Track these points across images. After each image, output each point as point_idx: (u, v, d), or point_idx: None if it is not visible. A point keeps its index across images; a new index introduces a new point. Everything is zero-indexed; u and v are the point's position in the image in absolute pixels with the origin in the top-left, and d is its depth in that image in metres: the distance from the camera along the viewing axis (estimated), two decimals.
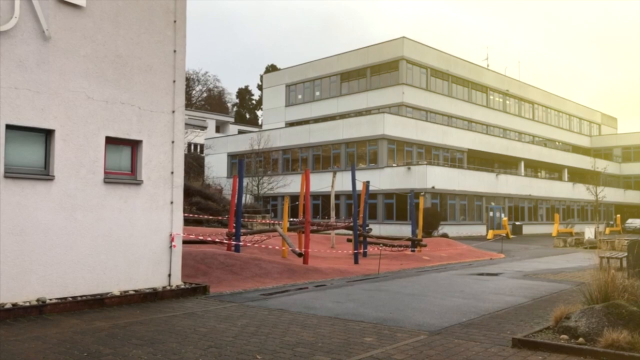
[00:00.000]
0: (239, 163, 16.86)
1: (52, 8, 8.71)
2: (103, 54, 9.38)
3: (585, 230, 32.82)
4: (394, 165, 38.23)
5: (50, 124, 8.65)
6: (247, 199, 36.56)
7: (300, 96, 52.89)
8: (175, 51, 10.54)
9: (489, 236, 35.25)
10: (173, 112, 10.48)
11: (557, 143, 62.48)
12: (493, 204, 41.11)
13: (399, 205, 35.98)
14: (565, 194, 52.15)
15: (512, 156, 49.27)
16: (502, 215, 39.80)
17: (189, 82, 73.33)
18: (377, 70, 46.40)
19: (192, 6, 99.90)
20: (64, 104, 8.82)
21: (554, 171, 58.31)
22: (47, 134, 8.74)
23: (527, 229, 43.93)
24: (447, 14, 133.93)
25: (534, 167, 55.51)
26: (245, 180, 32.68)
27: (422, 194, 30.75)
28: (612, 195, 55.57)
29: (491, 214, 38.23)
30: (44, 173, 8.66)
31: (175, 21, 10.55)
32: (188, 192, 24.10)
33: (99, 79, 9.30)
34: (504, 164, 50.28)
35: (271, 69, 73.86)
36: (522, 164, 51.03)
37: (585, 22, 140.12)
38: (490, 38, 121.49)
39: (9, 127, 8.22)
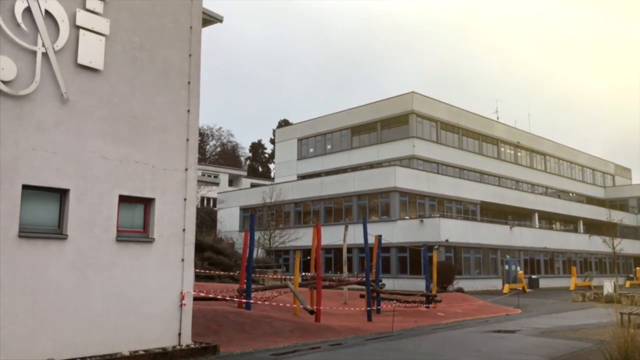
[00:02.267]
0: (250, 218, 16.89)
1: (71, 72, 9.04)
2: (119, 115, 9.64)
3: (605, 284, 32.02)
4: (406, 217, 38.04)
5: (66, 183, 8.80)
6: (258, 253, 36.38)
7: (311, 149, 53.46)
8: (189, 111, 10.80)
9: (505, 290, 34.55)
10: (186, 169, 10.63)
11: (570, 194, 61.98)
12: (508, 256, 40.48)
13: (413, 258, 35.51)
14: (582, 246, 51.28)
15: (525, 208, 48.89)
16: (518, 268, 39.12)
17: (203, 137, 74.67)
18: (388, 124, 46.97)
19: (210, 65, 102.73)
20: (80, 164, 9.00)
21: (569, 223, 57.58)
22: (62, 194, 8.87)
23: (544, 283, 43.00)
24: (456, 68, 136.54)
25: (549, 219, 54.90)
26: (257, 234, 32.66)
27: (435, 247, 30.44)
28: (629, 247, 54.51)
29: (506, 267, 37.58)
30: (58, 232, 8.74)
31: (189, 82, 10.86)
32: (200, 247, 24.07)
33: (114, 139, 9.52)
34: (518, 215, 49.83)
35: (283, 123, 75.08)
36: (536, 215, 50.54)
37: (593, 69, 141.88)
38: (500, 91, 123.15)
39: (25, 187, 8.37)
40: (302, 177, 51.27)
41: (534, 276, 42.15)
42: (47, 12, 8.81)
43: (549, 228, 53.63)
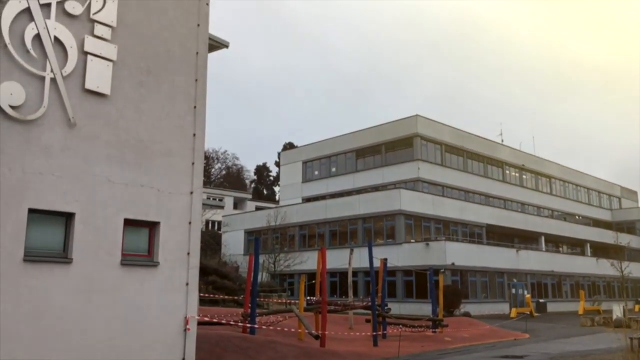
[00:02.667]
0: (255, 241, 16.85)
1: (78, 97, 9.14)
2: (125, 139, 9.71)
3: (614, 308, 31.56)
4: (412, 241, 37.83)
5: (71, 207, 8.83)
6: (263, 276, 36.16)
7: (316, 172, 53.52)
8: (194, 135, 10.86)
9: (513, 314, 34.13)
10: (191, 193, 10.65)
11: (577, 217, 61.59)
12: (515, 280, 40.07)
13: (419, 282, 35.19)
14: (590, 269, 50.77)
15: (531, 231, 48.58)
16: (525, 292, 38.68)
17: (209, 160, 74.92)
18: (392, 146, 47.04)
19: (216, 89, 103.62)
20: (85, 188, 9.03)
21: (575, 246, 57.10)
22: (68, 217, 8.89)
23: (552, 307, 42.46)
24: (460, 92, 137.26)
25: (555, 242, 54.47)
26: (262, 258, 32.49)
27: (441, 270, 30.19)
28: (638, 270, 53.88)
29: (513, 291, 37.15)
30: (63, 256, 8.73)
31: (195, 107, 10.95)
32: (204, 271, 23.93)
33: (120, 163, 9.56)
34: (524, 238, 49.49)
35: (288, 146, 75.31)
36: (543, 238, 50.17)
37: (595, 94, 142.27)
38: (504, 114, 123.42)
39: (31, 211, 8.39)
40: (307, 199, 51.25)
41: (541, 300, 41.65)
42: (56, 38, 8.95)
43: (556, 251, 53.17)
